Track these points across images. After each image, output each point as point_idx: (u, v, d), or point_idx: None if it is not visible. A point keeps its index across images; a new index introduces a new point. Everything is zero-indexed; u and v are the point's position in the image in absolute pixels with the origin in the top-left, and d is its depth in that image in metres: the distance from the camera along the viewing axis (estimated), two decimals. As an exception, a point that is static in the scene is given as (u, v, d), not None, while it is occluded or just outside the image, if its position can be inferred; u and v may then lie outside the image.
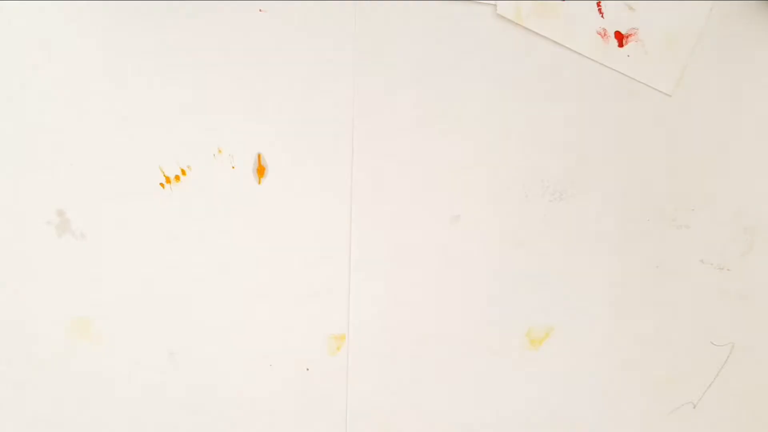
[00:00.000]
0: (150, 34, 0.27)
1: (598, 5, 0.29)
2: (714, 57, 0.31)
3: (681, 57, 0.31)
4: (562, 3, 0.29)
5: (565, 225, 0.32)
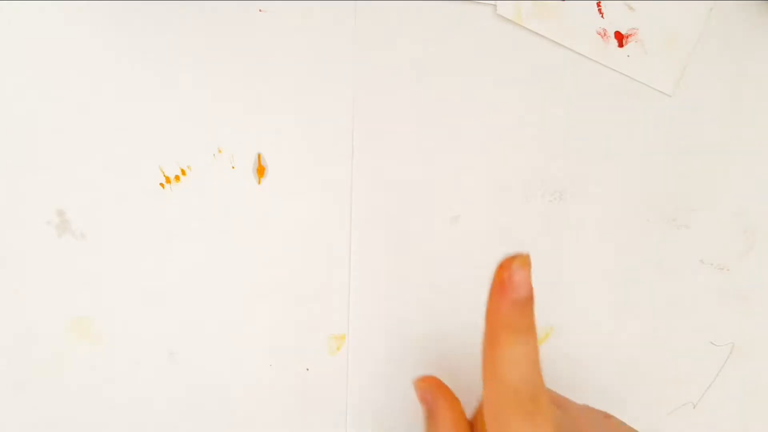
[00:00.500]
0: (150, 34, 0.27)
1: (598, 5, 0.29)
2: (714, 57, 0.31)
3: (681, 57, 0.31)
4: (562, 3, 0.29)
5: (565, 225, 0.32)
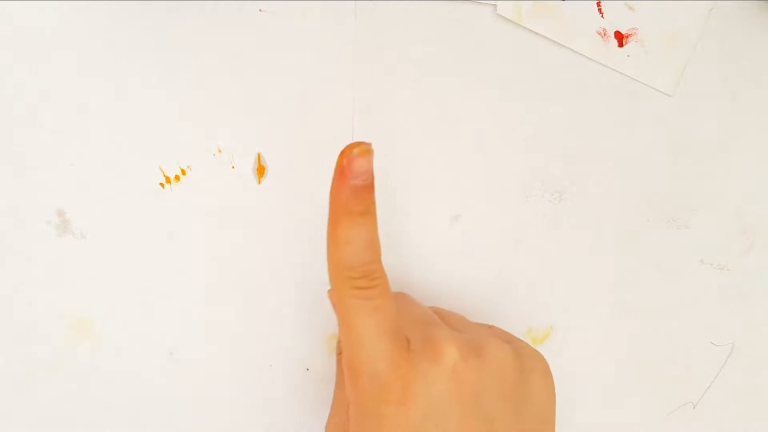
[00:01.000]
0: (150, 33, 0.27)
1: (598, 5, 0.29)
2: (714, 57, 0.31)
3: (681, 57, 0.31)
4: (562, 3, 0.29)
5: (565, 225, 0.32)
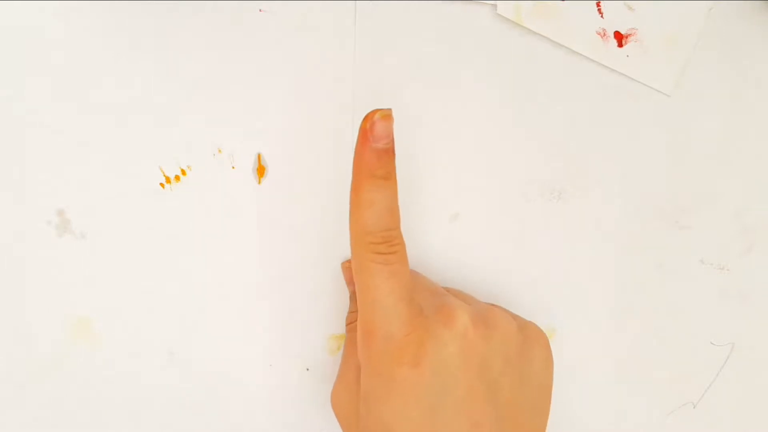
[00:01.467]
0: (150, 33, 0.27)
1: (597, 5, 0.29)
2: (714, 57, 0.31)
3: (681, 57, 0.31)
4: (561, 3, 0.29)
5: (565, 225, 0.32)
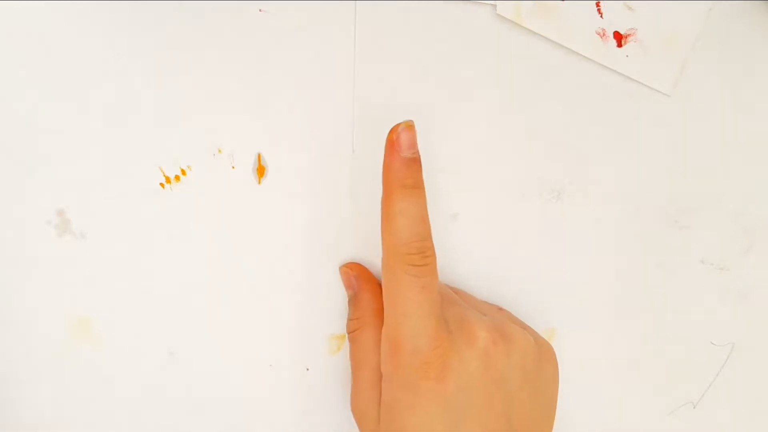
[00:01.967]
0: (150, 34, 0.27)
1: (597, 5, 0.29)
2: (714, 57, 0.31)
3: (680, 57, 0.31)
4: (561, 3, 0.29)
5: (565, 225, 0.32)
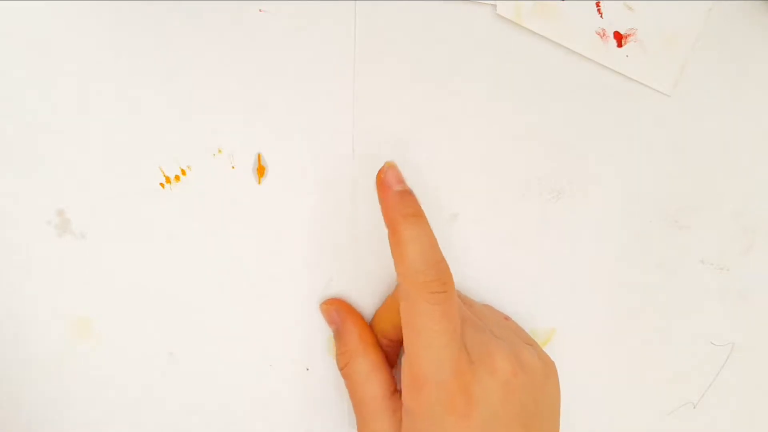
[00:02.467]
0: (150, 34, 0.27)
1: (597, 5, 0.29)
2: (714, 57, 0.31)
3: (680, 57, 0.31)
4: (561, 3, 0.29)
5: (565, 225, 0.32)
